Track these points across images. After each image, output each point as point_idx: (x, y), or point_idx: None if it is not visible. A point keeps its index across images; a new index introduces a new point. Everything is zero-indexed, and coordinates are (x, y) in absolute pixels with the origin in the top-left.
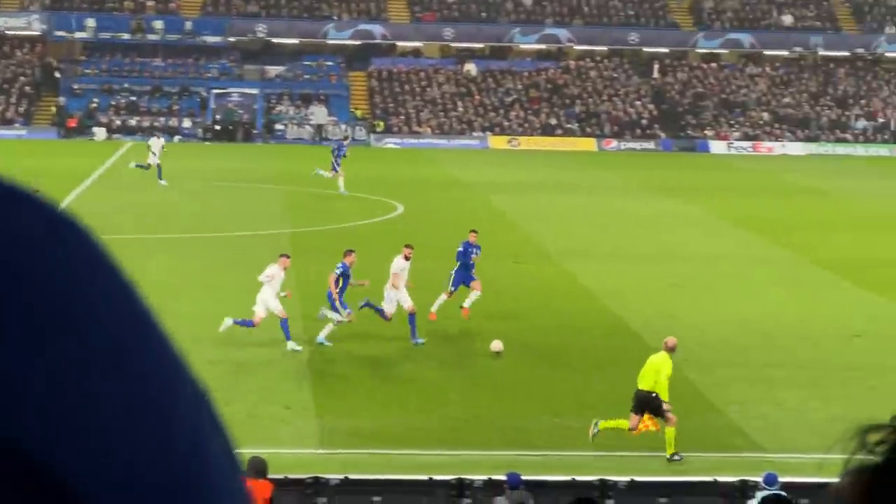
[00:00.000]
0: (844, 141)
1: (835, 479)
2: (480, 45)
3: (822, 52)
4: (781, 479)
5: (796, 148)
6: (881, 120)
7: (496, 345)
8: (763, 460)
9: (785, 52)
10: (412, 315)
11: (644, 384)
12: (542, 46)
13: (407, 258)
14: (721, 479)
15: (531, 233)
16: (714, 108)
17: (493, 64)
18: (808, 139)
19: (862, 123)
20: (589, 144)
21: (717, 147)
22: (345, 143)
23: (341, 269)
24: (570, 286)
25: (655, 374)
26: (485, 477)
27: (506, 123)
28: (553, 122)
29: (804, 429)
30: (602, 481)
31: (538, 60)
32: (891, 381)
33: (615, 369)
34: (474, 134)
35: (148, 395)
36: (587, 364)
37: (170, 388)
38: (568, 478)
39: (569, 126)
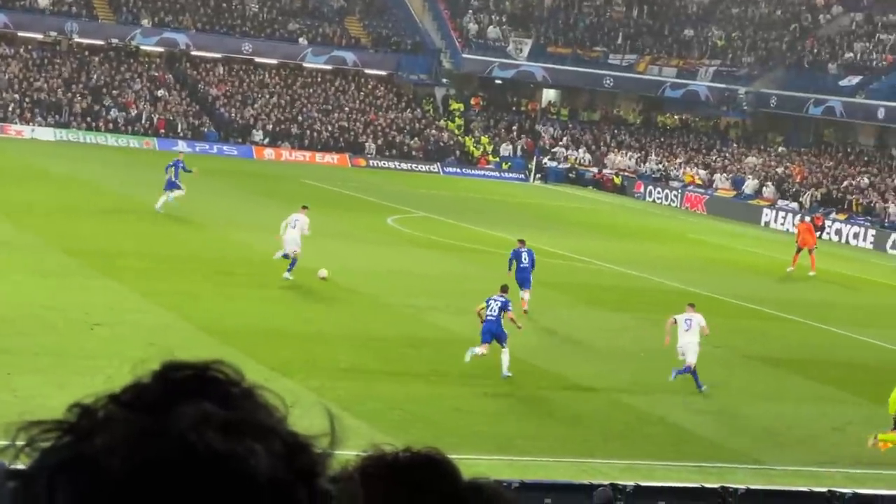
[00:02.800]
0: (96, 129)
1: None
2: None
3: (77, 39)
4: None
5: (47, 133)
6: (133, 112)
7: (322, 272)
8: None
9: (40, 36)
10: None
11: None
12: None
13: None
14: None
15: None
16: None
17: None
18: (60, 125)
19: (114, 113)
20: None
21: None
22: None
23: None
24: None
25: None
26: None
27: None
28: None
29: None
30: None
31: None
32: (126, 370)
33: None
34: None
35: None
36: None
37: None
38: None
39: None
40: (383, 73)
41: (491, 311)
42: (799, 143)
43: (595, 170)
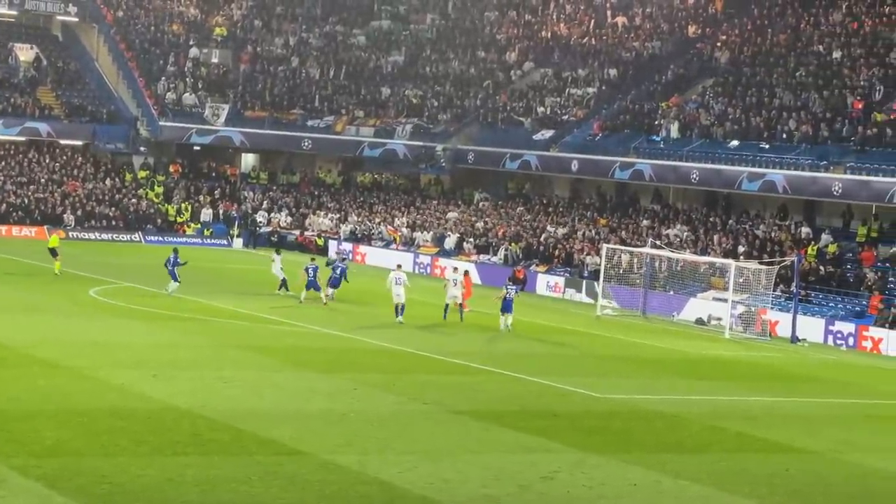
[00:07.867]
0: None
1: None
2: None
3: None
4: None
5: None
6: None
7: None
8: None
9: None
10: None
11: None
12: None
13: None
14: None
15: None
16: None
17: None
18: None
19: None
20: None
21: None
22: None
23: None
24: None
25: None
26: None
27: None
28: None
29: None
30: None
31: None
32: None
33: None
34: None
35: None
36: None
37: None
38: None
39: None
40: (79, 143)
41: (509, 294)
42: (498, 197)
43: (297, 232)
